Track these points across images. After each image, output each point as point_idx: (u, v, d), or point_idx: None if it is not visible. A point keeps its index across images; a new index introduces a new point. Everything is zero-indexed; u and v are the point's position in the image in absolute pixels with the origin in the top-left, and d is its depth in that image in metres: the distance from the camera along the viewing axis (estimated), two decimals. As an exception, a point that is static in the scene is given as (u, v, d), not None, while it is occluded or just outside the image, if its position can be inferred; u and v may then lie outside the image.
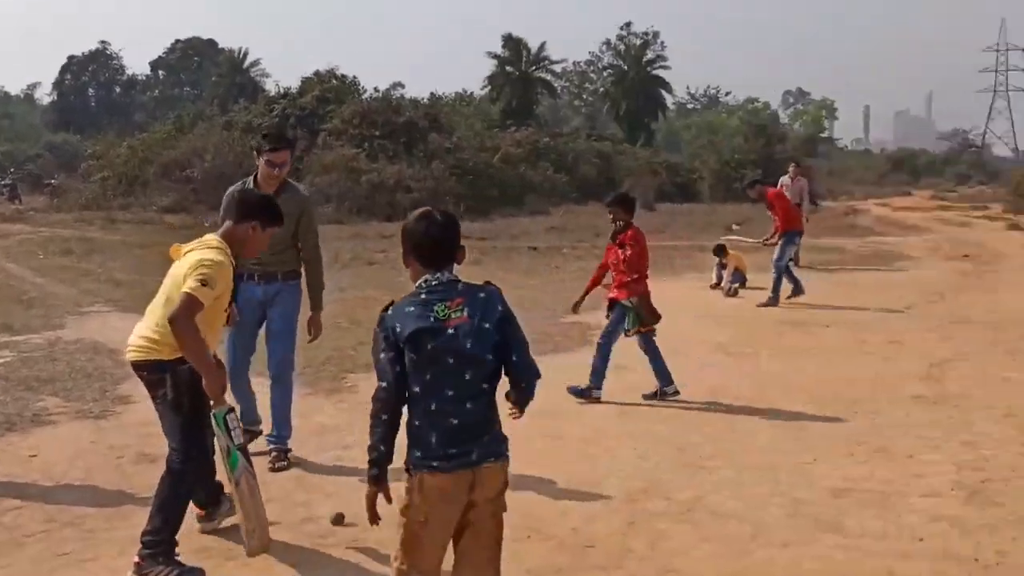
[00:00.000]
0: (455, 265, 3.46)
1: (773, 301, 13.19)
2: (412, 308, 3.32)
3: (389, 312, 3.36)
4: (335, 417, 7.36)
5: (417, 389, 3.31)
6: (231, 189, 6.16)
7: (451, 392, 3.30)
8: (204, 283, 4.38)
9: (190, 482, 4.64)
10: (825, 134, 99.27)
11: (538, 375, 3.51)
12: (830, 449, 6.59)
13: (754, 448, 6.64)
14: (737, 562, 4.73)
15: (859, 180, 67.59)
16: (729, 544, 4.96)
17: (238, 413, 4.75)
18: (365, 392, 8.13)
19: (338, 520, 5.11)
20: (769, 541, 4.99)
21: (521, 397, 3.49)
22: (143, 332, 4.62)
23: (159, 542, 4.48)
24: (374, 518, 3.42)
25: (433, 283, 3.37)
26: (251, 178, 6.23)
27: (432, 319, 3.29)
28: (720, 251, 15.63)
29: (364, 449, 3.39)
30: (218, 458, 4.74)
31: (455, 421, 3.30)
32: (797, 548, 4.90)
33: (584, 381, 8.05)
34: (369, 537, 5.02)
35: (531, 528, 5.11)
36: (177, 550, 4.57)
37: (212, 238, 4.70)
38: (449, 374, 3.29)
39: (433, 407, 3.31)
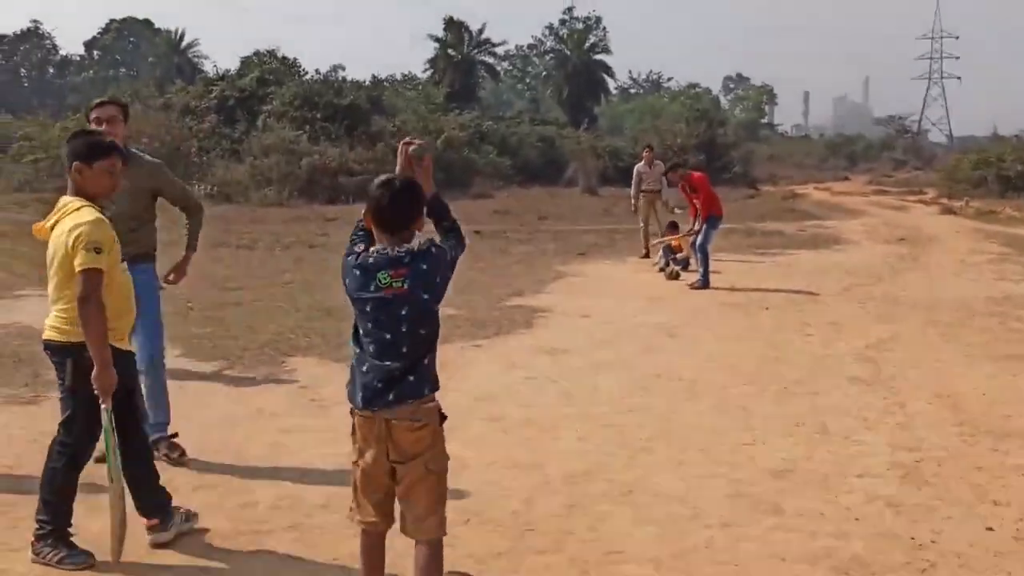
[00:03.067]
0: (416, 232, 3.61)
1: (703, 283, 13.29)
2: (359, 271, 3.54)
3: (347, 260, 3.60)
4: (273, 401, 7.25)
5: (358, 347, 3.59)
6: None
7: (384, 352, 3.52)
8: (96, 250, 4.22)
9: (75, 459, 4.49)
10: (765, 119, 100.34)
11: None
12: (770, 430, 6.64)
13: (695, 429, 6.67)
14: (677, 543, 4.74)
15: (799, 165, 68.44)
16: (669, 525, 4.97)
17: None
18: (303, 376, 8.08)
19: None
20: (709, 522, 5.01)
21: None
22: (50, 314, 4.47)
23: (46, 522, 4.45)
24: None
25: (383, 251, 3.53)
26: None
27: (373, 287, 3.49)
28: (673, 227, 15.80)
29: (305, 433, 3.38)
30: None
31: (379, 380, 3.53)
32: (736, 529, 4.93)
33: (525, 366, 8.06)
34: (308, 522, 4.98)
35: (471, 512, 5.07)
36: (72, 531, 4.53)
37: (69, 200, 4.46)
38: (384, 337, 3.51)
39: (365, 368, 3.56)
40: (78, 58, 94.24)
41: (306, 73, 43.01)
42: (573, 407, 7.24)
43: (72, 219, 4.33)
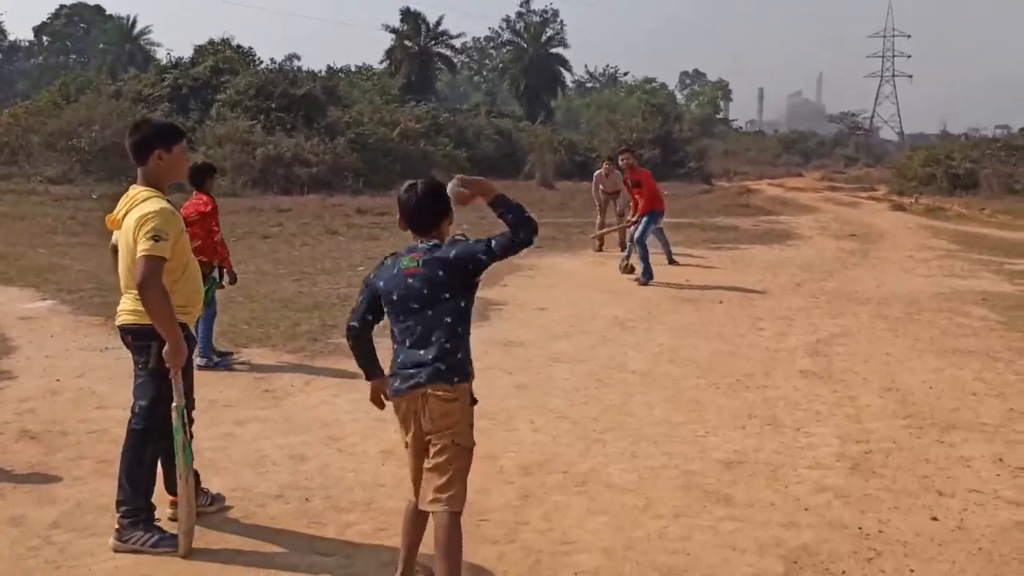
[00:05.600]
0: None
1: (647, 277, 13.36)
2: (390, 260, 3.90)
3: (382, 261, 3.95)
4: (226, 392, 7.20)
5: (395, 331, 3.88)
6: None
7: (419, 333, 3.79)
8: (156, 238, 4.29)
9: (155, 442, 4.55)
10: (720, 115, 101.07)
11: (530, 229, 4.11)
12: (722, 422, 6.72)
13: (649, 421, 6.73)
14: (630, 533, 4.79)
15: (753, 161, 69.02)
16: (622, 516, 5.02)
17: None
18: (258, 366, 8.03)
19: None
20: (661, 513, 5.06)
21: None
22: (126, 299, 4.54)
23: (136, 509, 4.50)
24: (380, 406, 4.16)
25: (414, 245, 3.87)
26: None
27: (396, 269, 3.82)
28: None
29: (258, 423, 3.34)
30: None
31: (415, 358, 3.79)
32: (688, 519, 4.98)
33: (480, 358, 8.03)
34: (261, 512, 4.96)
35: (426, 502, 5.08)
36: (156, 515, 4.61)
37: (138, 190, 4.51)
38: (416, 318, 3.79)
39: (401, 359, 3.83)
40: (27, 44, 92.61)
41: (261, 62, 42.63)
42: (528, 399, 7.27)
43: (138, 209, 4.42)
